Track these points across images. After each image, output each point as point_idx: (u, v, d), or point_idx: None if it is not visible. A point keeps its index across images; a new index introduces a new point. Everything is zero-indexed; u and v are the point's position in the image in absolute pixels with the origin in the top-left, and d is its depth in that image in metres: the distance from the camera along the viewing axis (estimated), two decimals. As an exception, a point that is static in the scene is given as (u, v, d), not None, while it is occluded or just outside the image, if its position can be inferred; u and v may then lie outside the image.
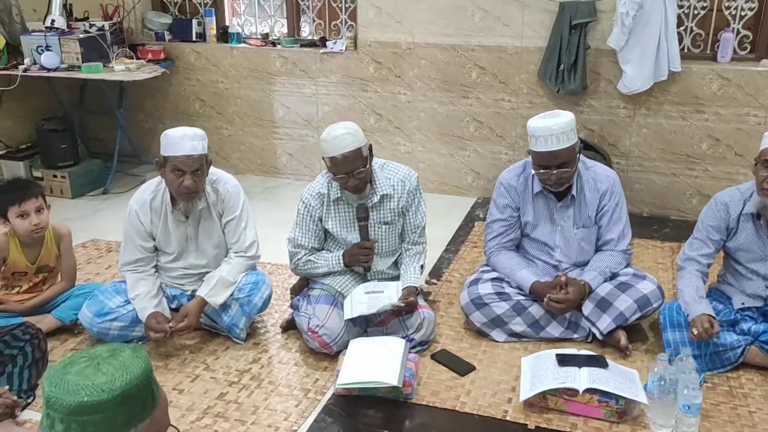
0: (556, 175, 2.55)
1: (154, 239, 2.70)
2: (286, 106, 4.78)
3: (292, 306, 2.84)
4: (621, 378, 2.30)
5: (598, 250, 2.76)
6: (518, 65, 4.19)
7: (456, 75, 4.32)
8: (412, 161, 4.54)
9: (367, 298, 2.60)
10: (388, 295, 2.61)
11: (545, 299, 2.60)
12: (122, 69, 4.51)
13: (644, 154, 4.13)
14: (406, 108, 4.51)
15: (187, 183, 2.51)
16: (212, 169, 2.73)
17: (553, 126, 2.49)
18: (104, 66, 4.53)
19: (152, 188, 2.68)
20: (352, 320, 2.59)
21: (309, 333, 2.57)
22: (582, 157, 2.70)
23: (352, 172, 2.51)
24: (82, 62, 4.48)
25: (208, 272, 2.76)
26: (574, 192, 2.67)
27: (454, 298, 3.09)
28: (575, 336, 2.70)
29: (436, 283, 3.27)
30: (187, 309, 2.61)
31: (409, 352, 2.51)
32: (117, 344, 1.15)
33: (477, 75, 4.29)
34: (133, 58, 4.67)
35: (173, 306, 2.77)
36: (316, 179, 2.74)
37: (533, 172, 2.63)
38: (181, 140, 2.49)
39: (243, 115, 4.91)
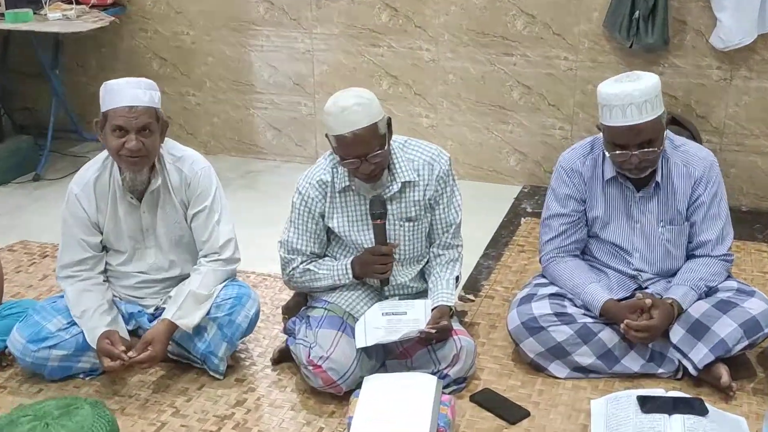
0: (637, 157, 2.53)
1: (102, 232, 2.71)
2: (272, 66, 4.76)
3: (285, 331, 2.82)
4: (725, 428, 2.28)
5: (689, 255, 2.74)
6: (578, 12, 4.15)
7: (495, 25, 4.28)
8: (436, 138, 4.52)
9: (385, 321, 2.59)
10: (414, 317, 2.59)
11: (622, 325, 2.58)
12: (58, 17, 4.47)
13: (744, 129, 4.09)
14: (429, 68, 4.48)
15: (131, 144, 2.52)
16: (174, 144, 2.73)
17: (634, 92, 2.47)
18: (34, 13, 4.49)
19: (97, 165, 2.68)
20: (366, 350, 2.57)
21: (310, 367, 2.56)
22: (669, 132, 2.68)
23: (366, 155, 2.49)
24: (5, 8, 4.43)
25: (173, 279, 2.76)
26: (658, 178, 2.66)
27: (498, 319, 3.07)
28: (660, 371, 2.67)
29: (473, 300, 3.26)
30: (151, 336, 2.59)
31: (443, 393, 2.49)
32: (71, 398, 1.09)
33: (523, 25, 4.25)
34: (72, 3, 4.63)
35: (130, 327, 2.76)
36: (316, 163, 2.73)
37: (606, 153, 2.61)
38: (122, 89, 2.52)
39: (215, 78, 4.89)
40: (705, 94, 4.10)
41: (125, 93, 2.52)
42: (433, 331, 2.54)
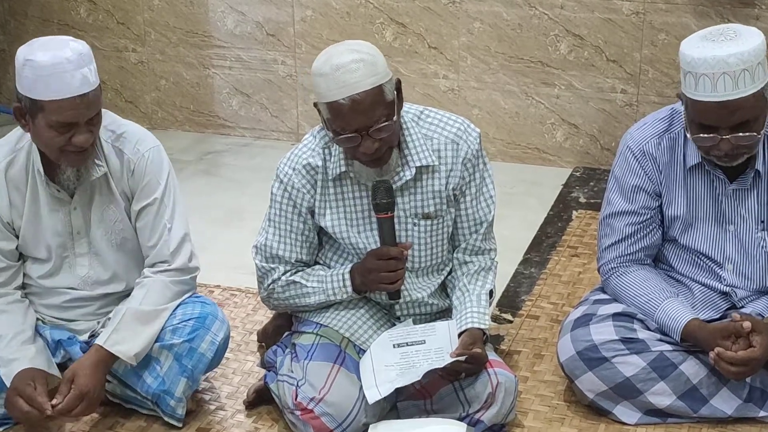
0: (729, 143, 2.51)
1: (18, 236, 2.72)
2: (238, 11, 4.78)
3: (263, 364, 2.82)
4: None
5: None
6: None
7: (536, -45, 4.31)
8: (459, 107, 4.51)
9: (398, 355, 2.60)
10: (436, 345, 2.60)
11: (712, 354, 2.56)
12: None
13: None
14: (447, 14, 4.49)
15: (81, 138, 2.52)
16: (113, 117, 2.73)
17: (729, 58, 2.44)
18: None
19: (7, 148, 2.69)
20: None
21: (297, 411, 2.56)
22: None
23: (369, 128, 2.50)
24: None
25: (114, 296, 2.77)
26: (759, 165, 2.64)
27: (545, 347, 3.08)
28: (762, 414, 2.68)
29: (511, 321, 3.27)
30: (73, 370, 2.57)
31: (475, 446, 2.51)
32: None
33: (573, -46, 4.28)
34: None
35: (57, 360, 2.75)
36: (302, 142, 2.74)
37: (688, 135, 2.60)
38: (62, 69, 2.47)
39: (163, 28, 4.90)
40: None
41: (68, 77, 2.46)
42: (463, 359, 2.54)
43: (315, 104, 2.58)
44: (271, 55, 4.79)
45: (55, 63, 2.46)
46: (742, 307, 2.73)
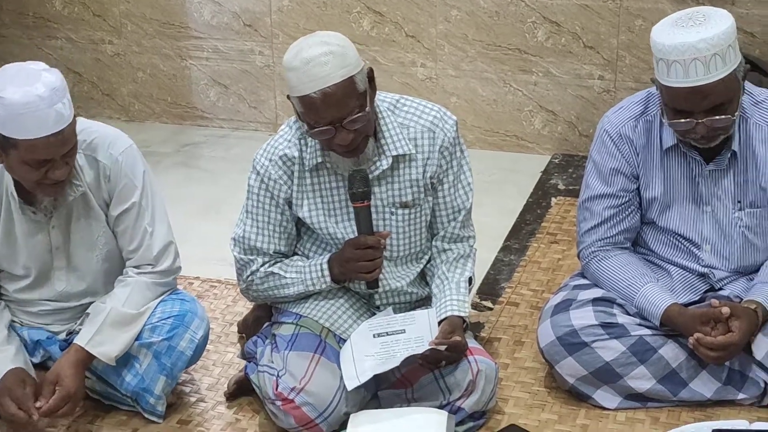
0: (704, 126, 2.52)
1: None
2: (214, 2, 4.76)
3: (244, 355, 2.83)
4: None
5: None
6: None
7: (512, -59, 4.31)
8: (436, 95, 4.51)
9: (379, 345, 2.60)
10: (416, 334, 2.60)
11: (691, 339, 2.57)
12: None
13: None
14: (424, 2, 4.48)
15: (58, 173, 2.47)
16: (80, 121, 2.63)
17: (699, 44, 2.45)
18: None
19: None
20: (356, 381, 2.60)
21: (278, 402, 2.56)
22: (748, 84, 2.68)
23: (342, 120, 2.50)
24: None
25: (89, 305, 2.74)
26: (734, 146, 2.66)
27: (526, 333, 3.08)
28: (741, 396, 2.69)
29: (491, 309, 3.27)
30: (55, 372, 2.56)
31: (456, 433, 2.51)
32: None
33: (549, -59, 4.28)
34: None
35: (36, 360, 2.75)
36: (278, 132, 2.74)
37: (665, 120, 2.61)
38: (34, 110, 2.36)
39: (139, 20, 4.88)
40: (791, 28, 4.13)
41: (43, 115, 2.37)
42: (443, 348, 2.54)
43: (289, 97, 2.57)
44: (248, 46, 4.78)
45: (28, 102, 2.36)
46: (721, 289, 2.75)
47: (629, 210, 2.78)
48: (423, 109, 2.71)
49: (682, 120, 2.53)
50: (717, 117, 2.51)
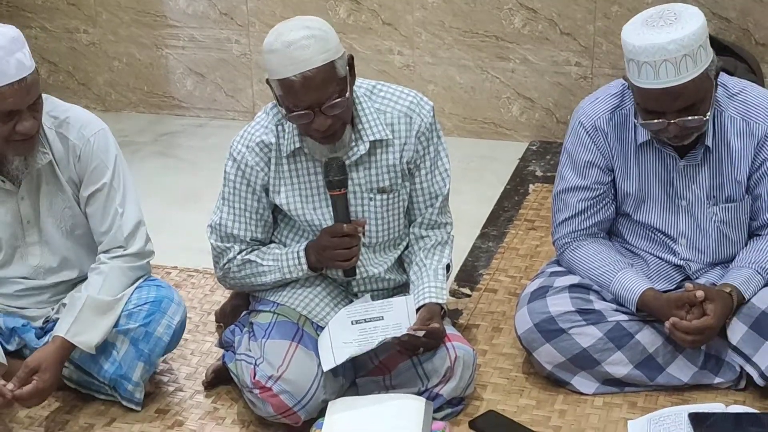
0: (676, 126, 2.52)
1: None
2: (191, -10, 4.75)
3: (221, 344, 2.82)
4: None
5: (752, 237, 2.77)
6: None
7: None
8: (414, 82, 4.51)
9: (357, 332, 2.60)
10: (394, 321, 2.61)
11: (667, 324, 2.58)
12: None
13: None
14: (401, -11, 4.49)
15: (26, 126, 2.49)
16: (54, 101, 2.69)
17: (669, 45, 2.43)
18: None
19: None
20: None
21: (256, 390, 2.56)
22: (723, 76, 2.67)
23: (321, 104, 2.50)
24: None
25: (67, 283, 2.76)
26: (708, 140, 2.65)
27: (504, 320, 3.09)
28: (717, 380, 2.71)
29: (469, 295, 3.28)
30: (37, 361, 2.55)
31: (434, 420, 2.50)
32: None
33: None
34: None
35: (12, 348, 2.74)
36: (255, 119, 2.73)
37: (637, 121, 2.62)
38: None
39: (114, 7, 4.86)
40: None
41: (3, 64, 2.42)
42: (420, 334, 2.54)
43: (267, 81, 2.56)
44: (224, 34, 4.76)
45: None
46: (697, 278, 2.76)
47: (603, 202, 2.78)
48: (400, 95, 2.71)
49: (654, 120, 2.53)
50: (689, 117, 2.51)
